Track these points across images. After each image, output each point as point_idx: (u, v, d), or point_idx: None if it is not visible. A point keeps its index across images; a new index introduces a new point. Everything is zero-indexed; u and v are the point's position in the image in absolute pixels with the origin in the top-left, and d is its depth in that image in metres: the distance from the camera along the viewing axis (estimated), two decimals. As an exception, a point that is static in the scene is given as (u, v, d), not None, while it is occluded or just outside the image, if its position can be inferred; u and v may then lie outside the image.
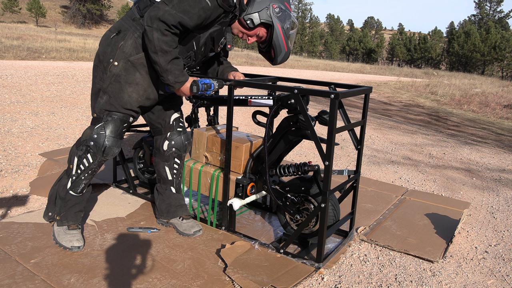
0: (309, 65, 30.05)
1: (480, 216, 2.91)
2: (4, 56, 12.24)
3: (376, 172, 3.81)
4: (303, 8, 75.16)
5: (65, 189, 2.06)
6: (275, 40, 2.03)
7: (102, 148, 1.98)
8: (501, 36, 48.78)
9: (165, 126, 2.26)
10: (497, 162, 4.59)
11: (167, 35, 1.77)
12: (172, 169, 2.30)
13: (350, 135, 2.17)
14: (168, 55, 1.81)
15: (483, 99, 13.52)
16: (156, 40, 1.76)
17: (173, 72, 1.85)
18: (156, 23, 1.75)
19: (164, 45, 1.78)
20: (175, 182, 2.33)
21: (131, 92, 1.99)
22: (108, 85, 1.98)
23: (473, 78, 27.20)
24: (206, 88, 1.95)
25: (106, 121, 1.99)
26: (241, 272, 1.89)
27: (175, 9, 1.76)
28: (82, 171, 2.02)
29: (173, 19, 1.75)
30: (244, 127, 5.33)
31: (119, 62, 1.95)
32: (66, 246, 2.01)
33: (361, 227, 2.47)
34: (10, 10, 43.98)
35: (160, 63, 1.81)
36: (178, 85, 1.90)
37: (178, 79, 1.88)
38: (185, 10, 1.77)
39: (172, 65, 1.84)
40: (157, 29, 1.75)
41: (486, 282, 2.01)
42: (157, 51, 1.79)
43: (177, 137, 2.27)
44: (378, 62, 63.96)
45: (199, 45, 2.02)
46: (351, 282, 1.93)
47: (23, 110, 5.04)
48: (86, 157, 2.00)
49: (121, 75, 1.96)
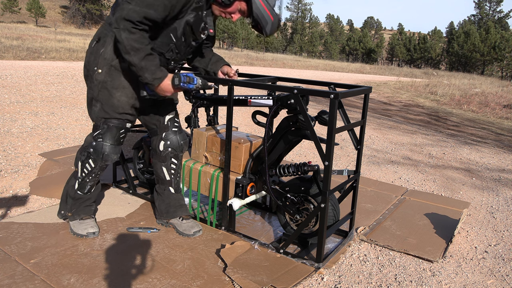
0: (308, 65, 30.05)
1: (480, 216, 2.91)
2: (3, 56, 12.23)
3: (376, 172, 3.81)
4: (303, 8, 75.17)
5: (74, 189, 2.18)
6: (256, 11, 1.92)
7: (101, 155, 2.05)
8: (500, 36, 48.78)
9: (160, 126, 2.25)
10: (496, 162, 4.59)
11: (135, 32, 1.76)
12: (170, 169, 2.31)
13: (350, 135, 2.17)
14: (140, 52, 1.78)
15: (482, 99, 13.53)
16: (125, 40, 1.76)
17: (149, 69, 1.83)
18: (122, 23, 1.74)
19: (134, 43, 1.76)
20: (173, 182, 2.33)
21: (119, 96, 2.00)
22: (98, 93, 2.00)
23: (473, 78, 27.21)
24: (188, 81, 1.91)
25: (103, 129, 2.04)
26: (241, 272, 1.89)
27: (138, 5, 1.74)
28: (86, 175, 2.12)
29: (137, 16, 1.74)
30: (244, 127, 5.33)
31: (103, 69, 1.97)
32: (82, 234, 2.14)
33: (361, 227, 2.47)
34: (9, 10, 43.94)
35: (134, 62, 1.80)
36: (156, 82, 1.87)
37: (155, 75, 1.84)
38: (148, 4, 1.75)
39: (147, 61, 1.81)
40: (124, 29, 1.74)
41: (486, 282, 2.01)
42: (129, 50, 1.77)
43: (172, 137, 2.26)
44: (378, 62, 63.97)
45: (177, 36, 1.97)
46: (351, 282, 1.93)
47: (22, 110, 5.04)
48: (88, 162, 2.09)
49: (107, 81, 1.98)
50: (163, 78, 1.88)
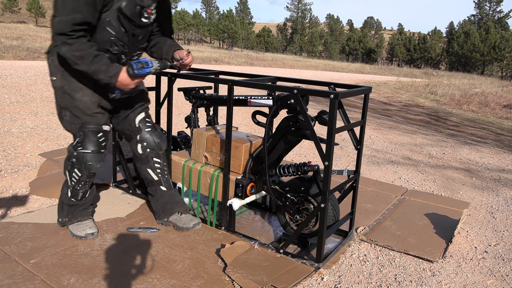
0: (308, 65, 30.05)
1: (480, 216, 2.91)
2: (3, 56, 12.23)
3: (375, 172, 3.81)
4: (303, 8, 75.17)
5: (67, 197, 2.18)
6: None
7: (83, 165, 2.04)
8: (500, 36, 48.79)
9: (133, 130, 2.25)
10: (496, 162, 4.59)
11: (73, 43, 1.76)
12: (155, 169, 2.30)
13: (350, 135, 2.17)
14: (85, 59, 1.79)
15: (482, 99, 13.53)
16: (67, 53, 1.78)
17: (101, 70, 1.83)
18: (57, 39, 1.75)
19: (76, 52, 1.77)
20: (162, 180, 2.33)
21: (81, 97, 1.99)
22: (61, 100, 2.01)
23: (473, 78, 27.22)
24: (142, 66, 1.89)
25: (80, 137, 2.02)
26: (241, 272, 1.89)
27: (63, 14, 1.73)
28: (75, 183, 2.12)
29: (66, 26, 1.73)
30: (244, 127, 5.33)
31: (57, 76, 1.97)
32: (81, 235, 2.13)
33: (360, 227, 2.47)
34: (9, 10, 43.93)
35: (84, 69, 1.82)
36: (113, 79, 1.86)
37: (109, 73, 1.85)
38: (72, 9, 1.72)
39: (95, 64, 1.81)
40: (62, 43, 1.76)
41: (486, 282, 2.01)
42: (75, 61, 1.79)
43: (148, 137, 2.25)
44: (378, 62, 63.98)
45: (115, 28, 1.91)
46: (351, 282, 1.93)
47: (22, 110, 5.04)
48: (74, 171, 2.08)
49: (64, 85, 1.98)
50: (118, 73, 1.87)
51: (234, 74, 2.71)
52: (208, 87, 2.74)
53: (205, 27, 61.83)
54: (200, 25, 62.15)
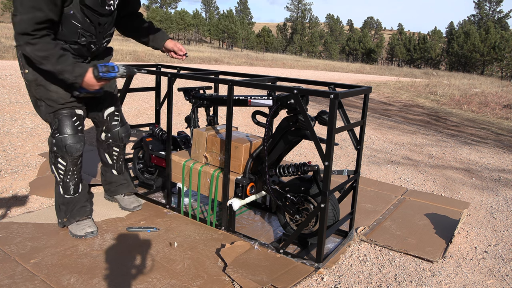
0: (308, 65, 30.06)
1: (480, 216, 2.91)
2: (3, 56, 12.23)
3: (375, 172, 3.82)
4: (303, 8, 75.18)
5: (60, 195, 2.19)
6: None
7: (64, 149, 2.04)
8: (500, 36, 48.78)
9: (99, 120, 2.35)
10: (496, 162, 4.59)
11: (36, 43, 1.73)
12: (112, 156, 2.46)
13: (350, 135, 2.17)
14: (50, 58, 1.77)
15: (482, 99, 13.53)
16: (31, 53, 1.75)
17: (66, 70, 1.82)
18: (20, 39, 1.72)
19: (40, 52, 1.74)
20: (115, 166, 2.50)
21: (56, 89, 1.99)
22: (36, 92, 2.00)
23: (473, 78, 27.22)
24: (107, 70, 1.88)
25: (55, 123, 2.04)
26: (241, 272, 1.89)
27: (23, 14, 1.68)
28: (63, 175, 2.13)
29: (28, 25, 1.69)
30: (244, 127, 5.33)
31: (29, 69, 1.95)
32: (81, 234, 2.15)
33: (360, 227, 2.47)
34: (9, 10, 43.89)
35: (50, 69, 1.80)
36: (79, 79, 1.86)
37: (74, 73, 1.83)
38: (31, 7, 1.68)
39: (61, 64, 1.80)
40: (25, 43, 1.72)
41: (486, 282, 2.01)
42: (40, 61, 1.77)
43: (113, 130, 2.37)
44: (378, 62, 63.98)
45: (80, 20, 1.89)
46: (351, 282, 1.93)
47: (22, 110, 5.04)
48: (58, 162, 2.09)
49: (37, 78, 1.96)
50: (84, 73, 1.86)
51: (234, 74, 2.71)
52: (208, 87, 2.74)
53: (205, 27, 61.82)
54: (200, 25, 62.14)
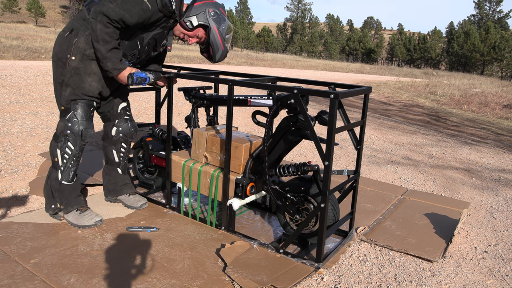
0: (308, 65, 30.06)
1: (480, 216, 2.91)
2: (3, 56, 12.24)
3: (375, 172, 3.82)
4: (303, 8, 75.18)
5: (57, 181, 2.23)
6: (212, 39, 2.29)
7: (79, 133, 2.19)
8: (500, 36, 48.79)
9: (113, 114, 2.46)
10: (496, 162, 4.59)
11: (109, 27, 1.99)
12: (119, 152, 2.53)
13: (350, 135, 2.17)
14: (108, 44, 2.02)
15: (482, 99, 13.53)
16: (98, 31, 1.99)
17: (112, 60, 2.06)
18: (100, 16, 1.97)
19: (106, 35, 2.00)
20: (121, 164, 2.56)
21: (91, 82, 2.19)
22: (70, 78, 2.16)
23: (473, 78, 27.22)
24: (141, 81, 2.17)
25: (75, 109, 2.19)
26: (241, 272, 1.89)
27: (118, 7, 1.99)
28: (67, 160, 2.21)
29: (115, 15, 1.98)
30: (244, 127, 5.33)
31: (76, 57, 2.14)
32: (90, 224, 2.24)
33: (360, 227, 2.47)
34: (9, 10, 43.97)
35: (101, 50, 2.03)
36: (116, 72, 2.11)
37: (116, 66, 2.09)
38: (127, 9, 2.01)
39: (112, 53, 2.05)
40: (101, 22, 1.97)
41: (486, 282, 2.01)
42: (99, 40, 2.01)
43: (124, 124, 2.49)
44: (378, 62, 63.96)
45: (142, 44, 2.27)
46: (351, 282, 1.93)
47: (22, 110, 5.04)
48: (67, 145, 2.19)
49: (79, 67, 2.15)
50: (122, 70, 2.12)
51: (234, 74, 2.71)
52: (208, 87, 2.74)
53: (205, 27, 61.66)
54: (200, 25, 62.00)
